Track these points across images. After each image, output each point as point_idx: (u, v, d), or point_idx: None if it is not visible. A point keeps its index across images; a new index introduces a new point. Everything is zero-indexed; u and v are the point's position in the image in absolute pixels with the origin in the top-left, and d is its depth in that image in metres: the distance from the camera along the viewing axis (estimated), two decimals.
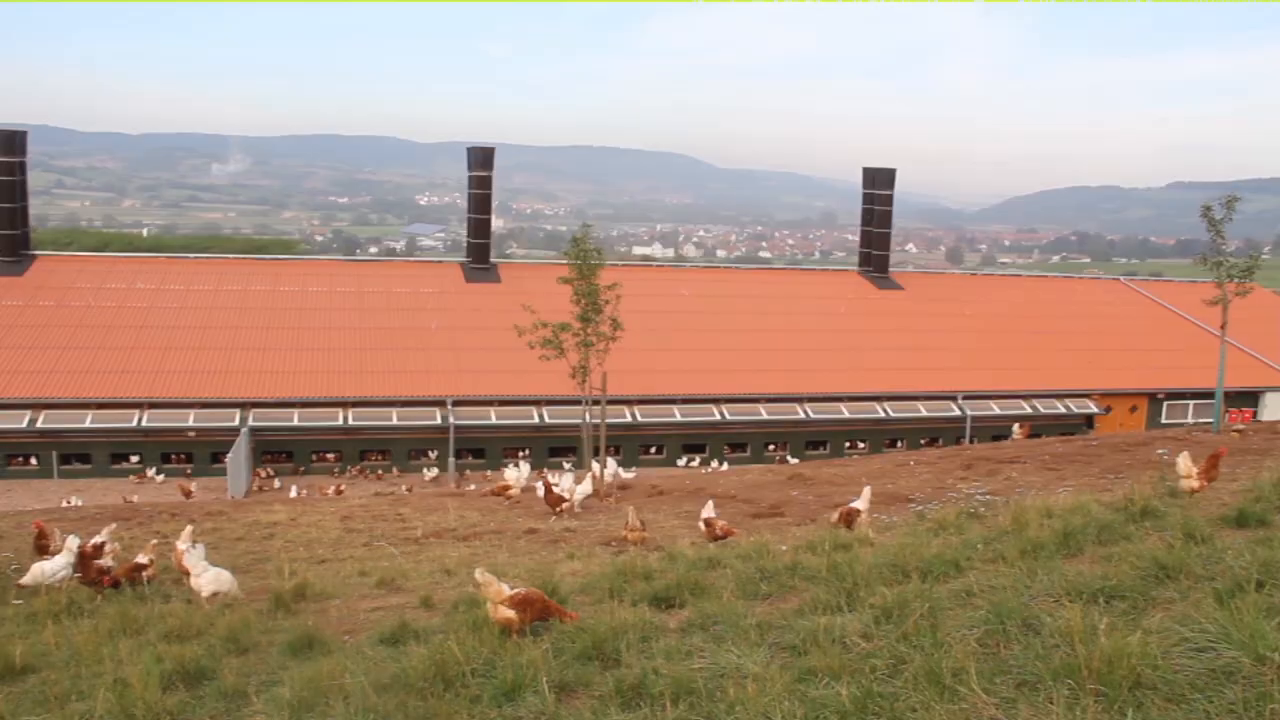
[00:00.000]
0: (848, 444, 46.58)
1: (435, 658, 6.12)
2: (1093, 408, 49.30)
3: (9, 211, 50.49)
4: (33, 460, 40.85)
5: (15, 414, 40.19)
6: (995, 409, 47.95)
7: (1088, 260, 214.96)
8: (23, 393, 40.78)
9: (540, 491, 17.50)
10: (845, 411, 46.44)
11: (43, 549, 11.23)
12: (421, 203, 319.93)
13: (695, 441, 45.51)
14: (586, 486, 16.51)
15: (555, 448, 43.22)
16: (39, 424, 40.15)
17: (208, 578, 8.94)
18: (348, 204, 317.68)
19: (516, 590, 6.94)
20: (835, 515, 11.38)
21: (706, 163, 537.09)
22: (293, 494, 33.96)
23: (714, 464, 40.57)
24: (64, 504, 28.94)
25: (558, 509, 14.86)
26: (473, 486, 18.90)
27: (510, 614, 6.73)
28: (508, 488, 17.90)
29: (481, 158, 54.91)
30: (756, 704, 4.98)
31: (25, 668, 7.04)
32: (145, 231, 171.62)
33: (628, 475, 24.11)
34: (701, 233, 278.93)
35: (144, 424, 40.89)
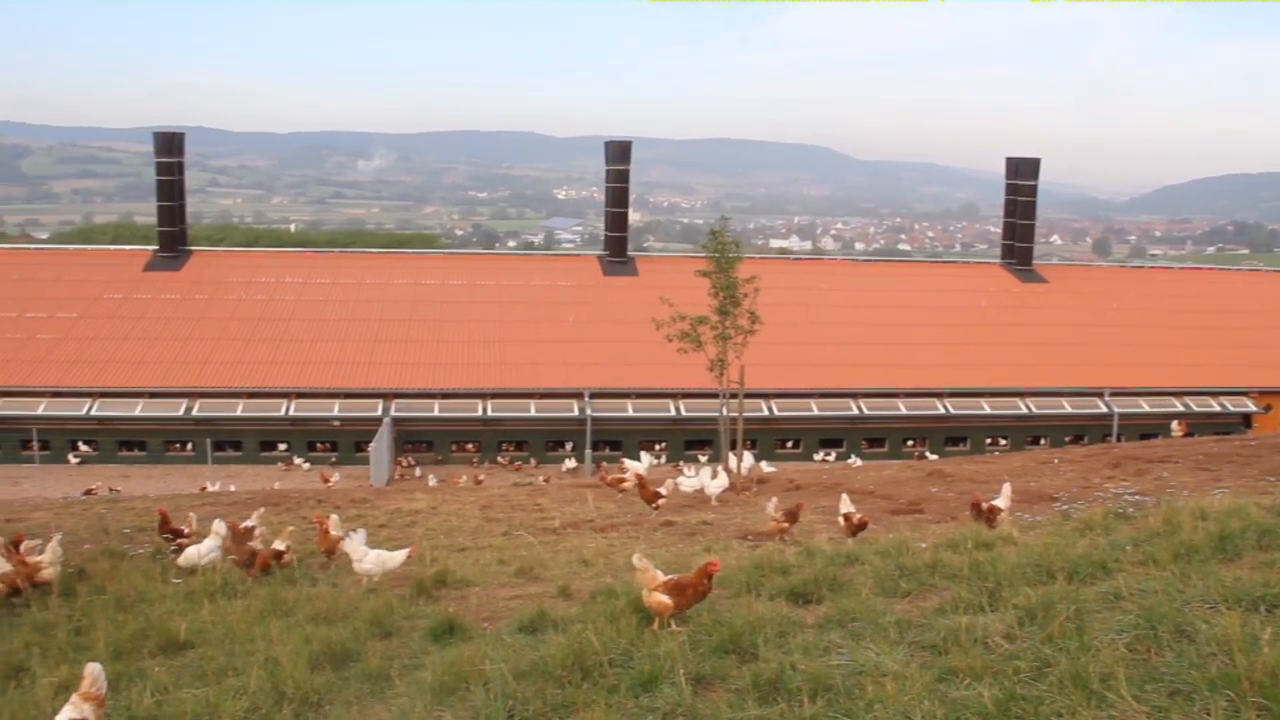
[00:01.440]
0: (988, 440, 45.56)
1: (573, 647, 6.18)
2: (1251, 406, 47.25)
3: (168, 209, 52.72)
4: (188, 446, 42.60)
5: (173, 402, 41.97)
6: (1144, 406, 46.30)
7: (1246, 251, 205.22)
8: (180, 382, 42.57)
9: (632, 482, 17.61)
10: (986, 407, 45.42)
11: (168, 532, 11.68)
12: (559, 197, 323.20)
13: (832, 436, 45.07)
14: (723, 480, 16.49)
15: (691, 441, 43.29)
16: (194, 412, 41.84)
17: (370, 559, 9.18)
18: (487, 199, 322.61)
19: (670, 576, 6.97)
20: (970, 509, 11.16)
21: (844, 154, 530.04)
22: (431, 482, 34.69)
23: (850, 459, 40.07)
24: (203, 489, 30.01)
25: (654, 505, 14.82)
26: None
27: (665, 599, 6.76)
28: (621, 480, 18.00)
29: (618, 151, 55.22)
30: (896, 703, 4.92)
31: (185, 643, 7.35)
32: (293, 227, 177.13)
33: (769, 470, 23.98)
34: (839, 225, 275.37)
35: (291, 413, 42.28)
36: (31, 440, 41.47)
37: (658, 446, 43.11)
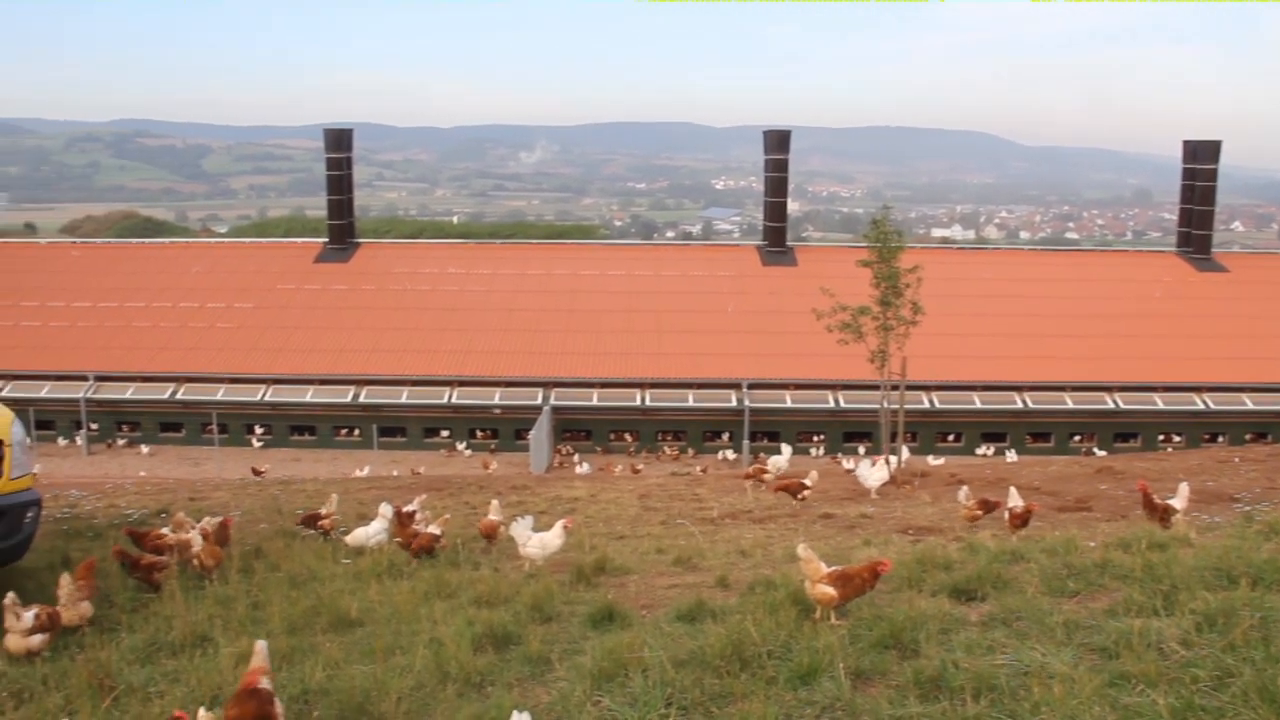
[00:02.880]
0: (1161, 437, 43.67)
1: (732, 637, 6.16)
2: None
3: (338, 203, 54.57)
4: (356, 432, 44.07)
5: (341, 389, 43.50)
6: None
7: None
8: (348, 370, 44.08)
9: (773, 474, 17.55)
10: (1159, 402, 43.62)
11: (309, 520, 12.08)
12: (718, 187, 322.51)
13: (995, 430, 43.92)
14: (882, 473, 16.25)
15: (850, 433, 42.77)
16: (361, 399, 43.29)
17: (534, 542, 9.33)
18: (645, 189, 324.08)
19: (835, 568, 6.92)
20: (1142, 502, 10.73)
21: (1009, 140, 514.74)
22: (581, 470, 35.03)
23: (1008, 454, 38.99)
24: (356, 473, 30.90)
25: (799, 496, 14.60)
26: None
27: (830, 591, 6.70)
28: (763, 471, 17.91)
29: (777, 141, 54.84)
30: (1064, 706, 4.77)
31: (354, 621, 7.59)
32: (455, 219, 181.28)
33: (936, 463, 23.55)
34: (1004, 214, 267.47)
35: (454, 401, 43.34)
36: (211, 424, 43.55)
37: (816, 438, 42.79)
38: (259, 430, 44.20)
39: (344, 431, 44.30)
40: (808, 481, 14.56)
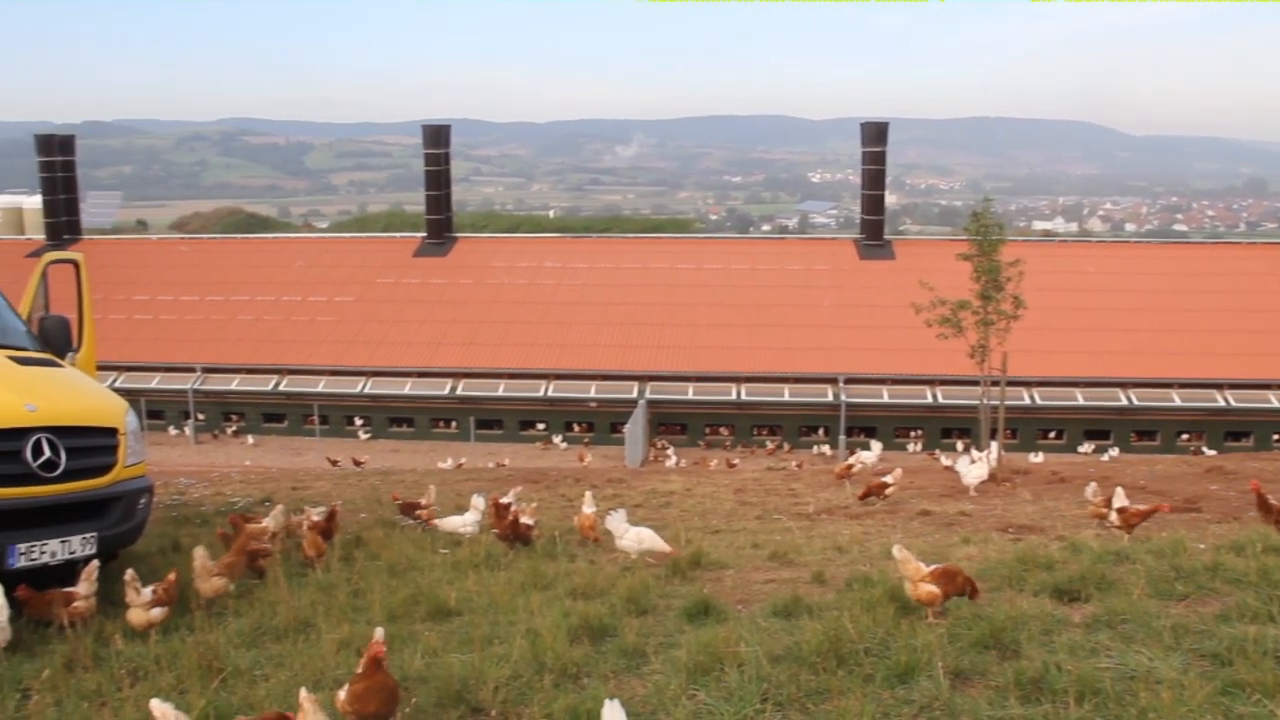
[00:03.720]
0: (1275, 436, 42.25)
1: (829, 633, 6.11)
2: None
3: (435, 198, 55.31)
4: (453, 424, 44.65)
5: (439, 381, 44.12)
6: None
7: None
8: (446, 363, 44.67)
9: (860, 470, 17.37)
10: (1274, 400, 42.20)
11: (409, 509, 12.21)
12: (814, 180, 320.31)
13: (1099, 427, 42.92)
14: (982, 470, 15.98)
15: (948, 428, 42.16)
16: (459, 391, 43.84)
17: (631, 536, 9.36)
18: (741, 183, 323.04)
19: (936, 565, 6.84)
20: (1256, 502, 10.38)
21: (1114, 130, 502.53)
22: (671, 462, 35.02)
23: (1110, 452, 38.06)
24: (440, 465, 31.22)
25: (882, 495, 14.36)
26: (858, 467, 18.78)
27: (934, 589, 6.63)
28: (850, 468, 17.73)
29: (875, 133, 54.20)
30: (1173, 713, 4.64)
31: (453, 610, 7.69)
32: (551, 213, 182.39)
33: (1036, 460, 23.12)
34: (1108, 205, 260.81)
35: (550, 394, 43.66)
36: (313, 415, 44.48)
37: (913, 434, 42.29)
38: (360, 421, 44.99)
39: (441, 423, 44.91)
40: (889, 480, 14.36)
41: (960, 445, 38.35)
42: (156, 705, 4.45)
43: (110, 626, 7.11)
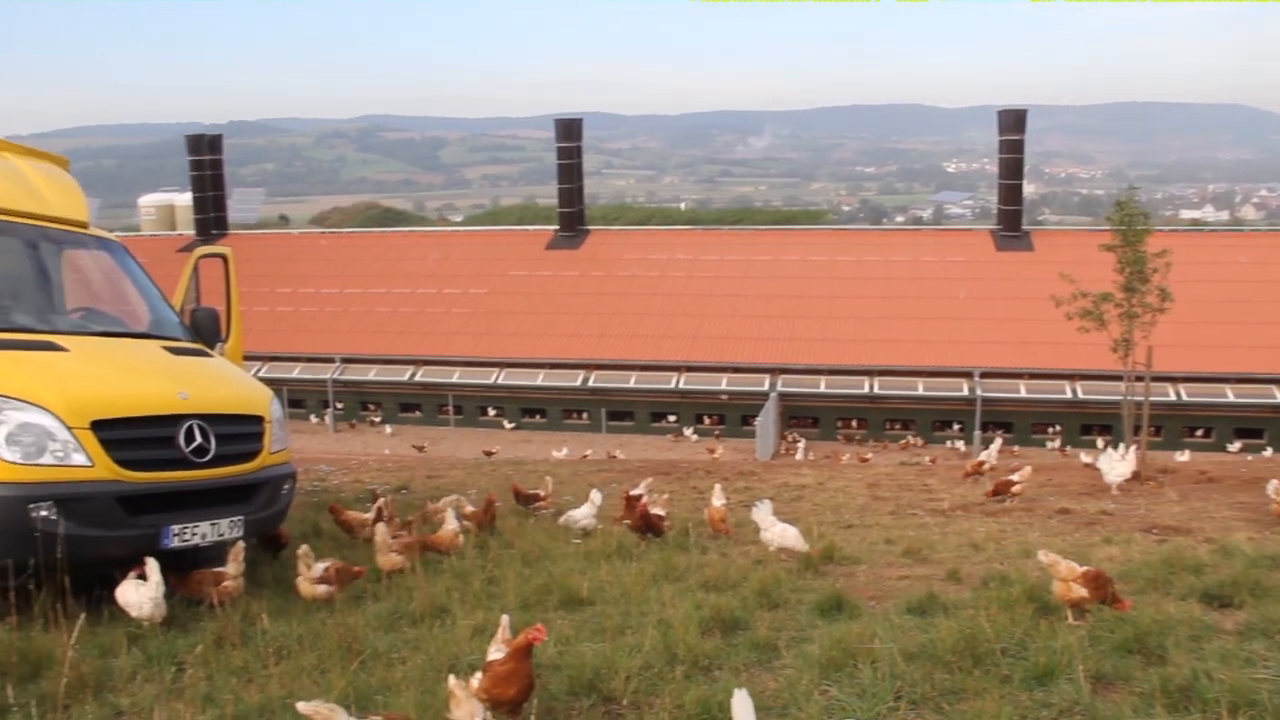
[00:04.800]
0: None
1: (965, 632, 6.01)
2: None
3: (568, 191, 55.78)
4: (584, 415, 45.05)
5: (571, 373, 44.53)
6: None
7: None
8: (577, 354, 45.05)
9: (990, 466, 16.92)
10: None
11: (526, 499, 12.29)
12: (949, 170, 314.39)
13: (1249, 425, 41.15)
14: (1125, 467, 15.50)
15: (1088, 425, 40.92)
16: (590, 383, 44.20)
17: (775, 532, 9.34)
18: (874, 173, 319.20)
19: (1088, 567, 6.68)
20: None
21: (1268, 111, 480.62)
22: (798, 456, 34.71)
23: (1266, 451, 36.45)
24: (555, 454, 31.43)
25: (1008, 494, 13.97)
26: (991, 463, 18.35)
27: (1085, 592, 6.48)
28: (980, 464, 17.32)
29: (1013, 121, 52.84)
30: None
31: (585, 600, 7.76)
32: (683, 206, 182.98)
33: (1182, 458, 22.30)
34: (1263, 192, 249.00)
35: (681, 386, 43.72)
36: (447, 405, 45.37)
37: (1051, 430, 41.22)
38: (493, 412, 45.69)
39: (573, 415, 45.34)
40: (1015, 478, 14.02)
41: (1100, 442, 37.22)
42: (303, 707, 4.59)
43: (256, 606, 7.37)
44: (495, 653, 5.32)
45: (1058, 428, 41.03)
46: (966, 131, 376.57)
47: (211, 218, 59.00)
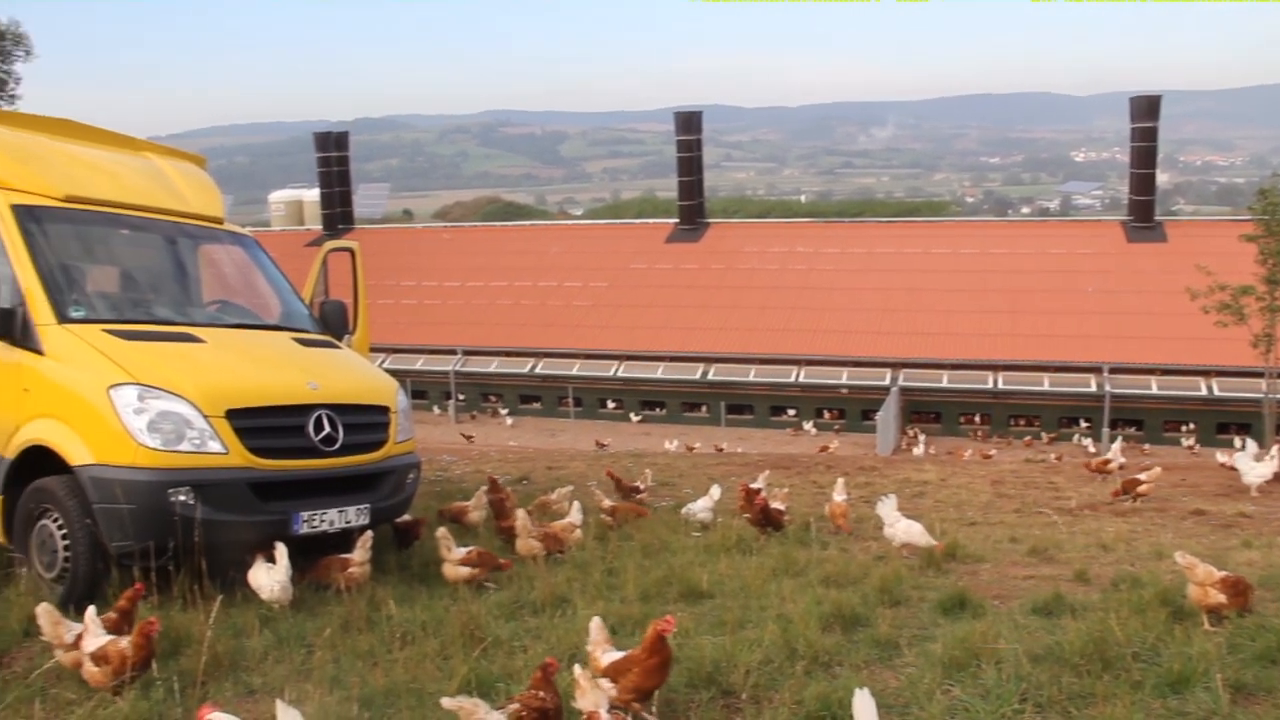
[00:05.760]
0: None
1: (1094, 634, 5.87)
2: None
3: (688, 184, 55.77)
4: (703, 408, 45.03)
5: (690, 366, 44.54)
6: None
7: None
8: (697, 347, 45.04)
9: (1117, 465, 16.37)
10: None
11: (627, 490, 12.26)
12: (1077, 159, 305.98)
13: None
14: (1265, 469, 14.92)
15: (1225, 423, 39.50)
16: (709, 376, 44.15)
17: (900, 528, 9.26)
18: (999, 164, 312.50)
19: (1226, 573, 6.46)
20: None
21: None
22: (916, 451, 34.14)
23: None
24: (666, 446, 31.30)
25: (1136, 493, 13.44)
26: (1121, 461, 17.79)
27: (1223, 598, 6.28)
28: (1106, 463, 16.78)
29: (1146, 107, 51.18)
30: None
31: (704, 593, 7.77)
32: (803, 198, 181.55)
33: None
34: None
35: (800, 380, 43.39)
36: (567, 397, 45.78)
37: (1184, 428, 39.90)
38: (612, 404, 45.95)
39: (692, 408, 45.35)
40: (1143, 477, 13.57)
41: (1239, 441, 35.90)
42: (448, 702, 4.70)
43: (382, 592, 7.55)
44: (606, 653, 5.34)
45: (1191, 426, 39.68)
46: (1096, 119, 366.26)
47: (338, 213, 60.44)
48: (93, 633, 5.87)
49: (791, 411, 44.18)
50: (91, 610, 6.01)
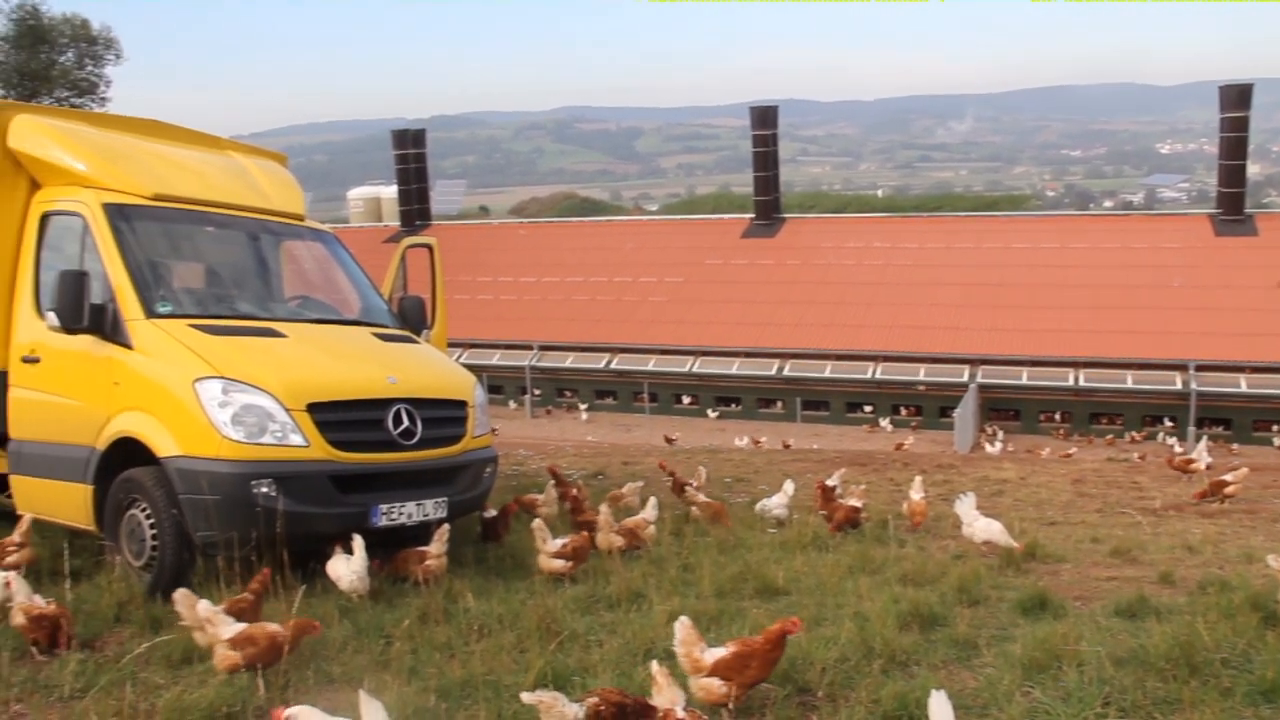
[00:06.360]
0: None
1: (1180, 639, 5.74)
2: None
3: (764, 179, 55.51)
4: (778, 404, 44.83)
5: (765, 362, 44.33)
6: None
7: None
8: (772, 343, 44.81)
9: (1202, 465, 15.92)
10: None
11: (679, 488, 12.23)
12: (1162, 151, 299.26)
13: None
14: None
15: None
16: (785, 372, 43.92)
17: (979, 526, 9.16)
18: (1080, 156, 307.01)
19: None
20: None
21: None
22: (991, 449, 33.61)
23: None
24: (736, 443, 31.14)
25: (1220, 495, 13.05)
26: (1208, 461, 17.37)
27: None
28: (1190, 462, 16.41)
29: (1236, 96, 49.83)
30: None
31: (780, 590, 7.75)
32: (879, 193, 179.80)
33: None
34: None
35: (877, 376, 43.00)
36: (642, 392, 45.84)
37: (1276, 427, 38.91)
38: (687, 400, 45.91)
39: (767, 404, 45.17)
40: (1229, 478, 13.21)
41: None
42: (528, 697, 4.75)
43: (459, 585, 7.63)
44: (706, 651, 5.30)
45: None
46: (1182, 110, 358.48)
47: (415, 209, 61.11)
48: (221, 619, 6.04)
49: (868, 408, 43.81)
50: (206, 602, 6.15)
